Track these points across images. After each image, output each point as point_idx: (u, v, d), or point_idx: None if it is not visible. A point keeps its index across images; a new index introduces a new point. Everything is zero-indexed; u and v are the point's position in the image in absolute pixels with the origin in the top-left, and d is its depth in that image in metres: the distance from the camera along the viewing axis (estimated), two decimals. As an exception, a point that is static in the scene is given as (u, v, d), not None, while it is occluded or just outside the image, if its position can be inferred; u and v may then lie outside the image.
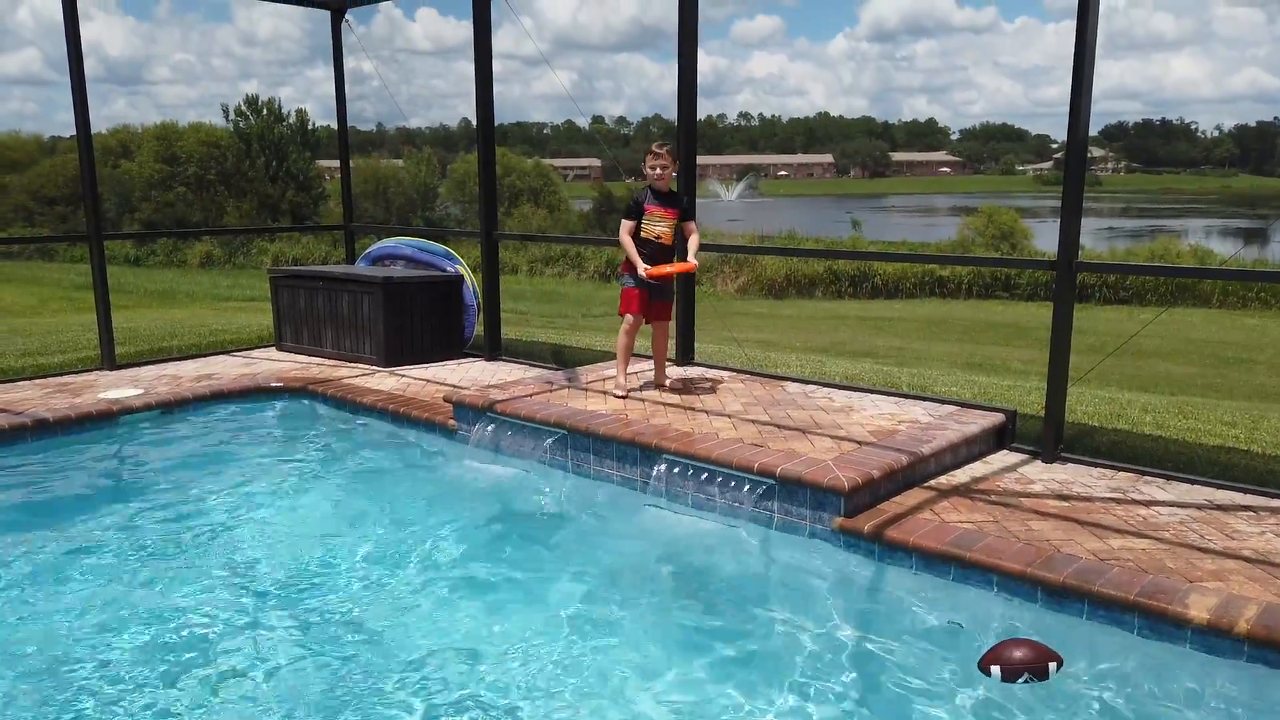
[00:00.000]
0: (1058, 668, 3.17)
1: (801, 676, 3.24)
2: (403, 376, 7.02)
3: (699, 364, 6.65)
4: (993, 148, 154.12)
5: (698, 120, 6.39)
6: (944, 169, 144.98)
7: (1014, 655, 3.19)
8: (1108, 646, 3.29)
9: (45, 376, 7.05)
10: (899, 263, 23.46)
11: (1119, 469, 4.79)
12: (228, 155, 41.43)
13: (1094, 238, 42.42)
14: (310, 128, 43.74)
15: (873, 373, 8.18)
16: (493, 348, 7.64)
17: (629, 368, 5.80)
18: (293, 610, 3.76)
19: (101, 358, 7.29)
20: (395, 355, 7.42)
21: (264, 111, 42.73)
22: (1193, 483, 4.58)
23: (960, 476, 4.67)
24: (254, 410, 6.45)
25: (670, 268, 5.53)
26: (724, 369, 6.55)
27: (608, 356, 5.68)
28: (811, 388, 5.97)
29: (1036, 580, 3.52)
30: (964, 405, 5.48)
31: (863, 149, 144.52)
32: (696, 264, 5.65)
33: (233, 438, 5.99)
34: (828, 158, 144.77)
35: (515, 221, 36.22)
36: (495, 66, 7.21)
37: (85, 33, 6.91)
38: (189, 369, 7.27)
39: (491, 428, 5.46)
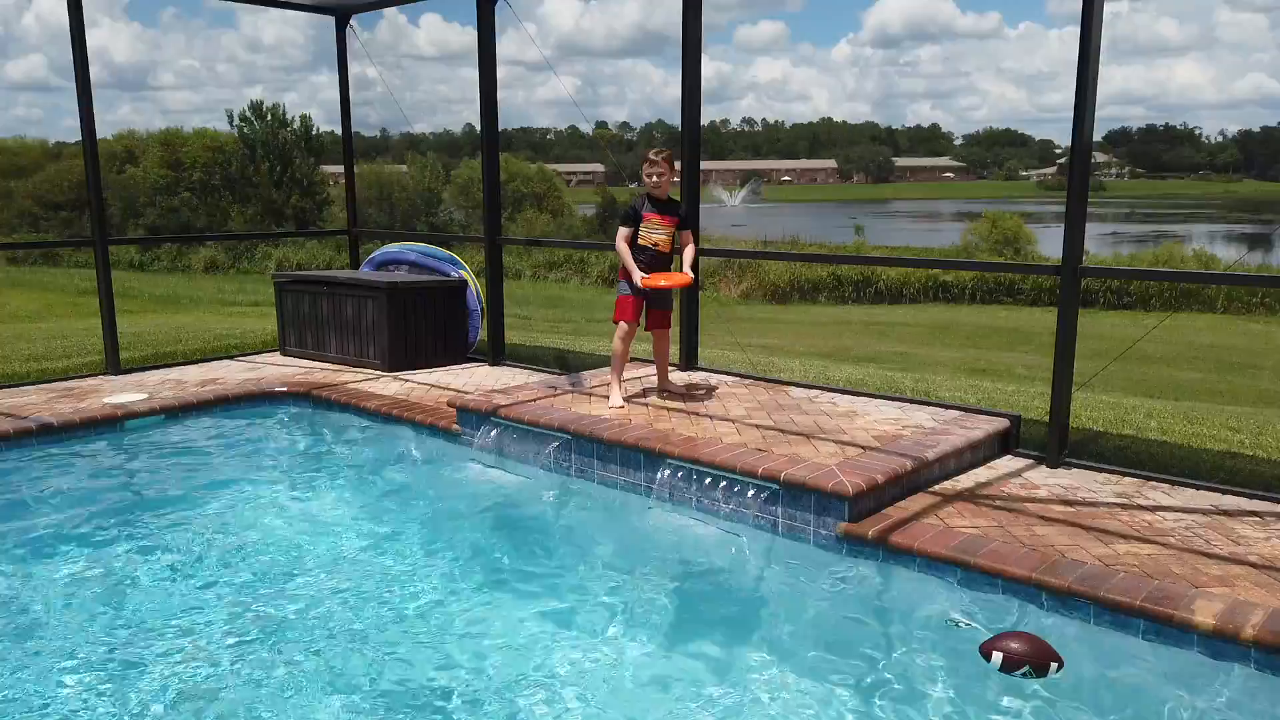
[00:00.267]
0: (1058, 669, 3.16)
1: (806, 681, 3.23)
2: (406, 381, 7.03)
3: (702, 369, 6.65)
4: (996, 153, 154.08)
5: (701, 125, 6.40)
6: (947, 174, 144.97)
7: (1017, 647, 3.20)
8: (1113, 652, 3.28)
9: (50, 381, 7.07)
10: (903, 267, 23.45)
11: (1124, 474, 4.78)
12: (232, 161, 41.51)
13: (1098, 243, 42.37)
14: (314, 133, 43.82)
15: (876, 378, 8.18)
16: (496, 352, 7.65)
17: (625, 374, 5.78)
18: (295, 613, 3.76)
19: (106, 362, 7.30)
20: (399, 360, 7.42)
21: (268, 117, 42.80)
22: (1198, 488, 4.57)
23: (965, 481, 4.66)
24: (258, 415, 6.46)
25: (665, 280, 5.44)
26: (727, 374, 6.55)
27: (611, 361, 5.67)
28: (815, 393, 5.96)
29: (1042, 585, 3.51)
30: (968, 410, 5.47)
31: (866, 154, 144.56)
32: (692, 277, 5.58)
33: (237, 443, 5.99)
34: (831, 163, 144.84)
35: (519, 226, 36.26)
36: (499, 72, 7.22)
37: (91, 39, 6.94)
38: (193, 374, 7.28)
39: (495, 432, 5.46)
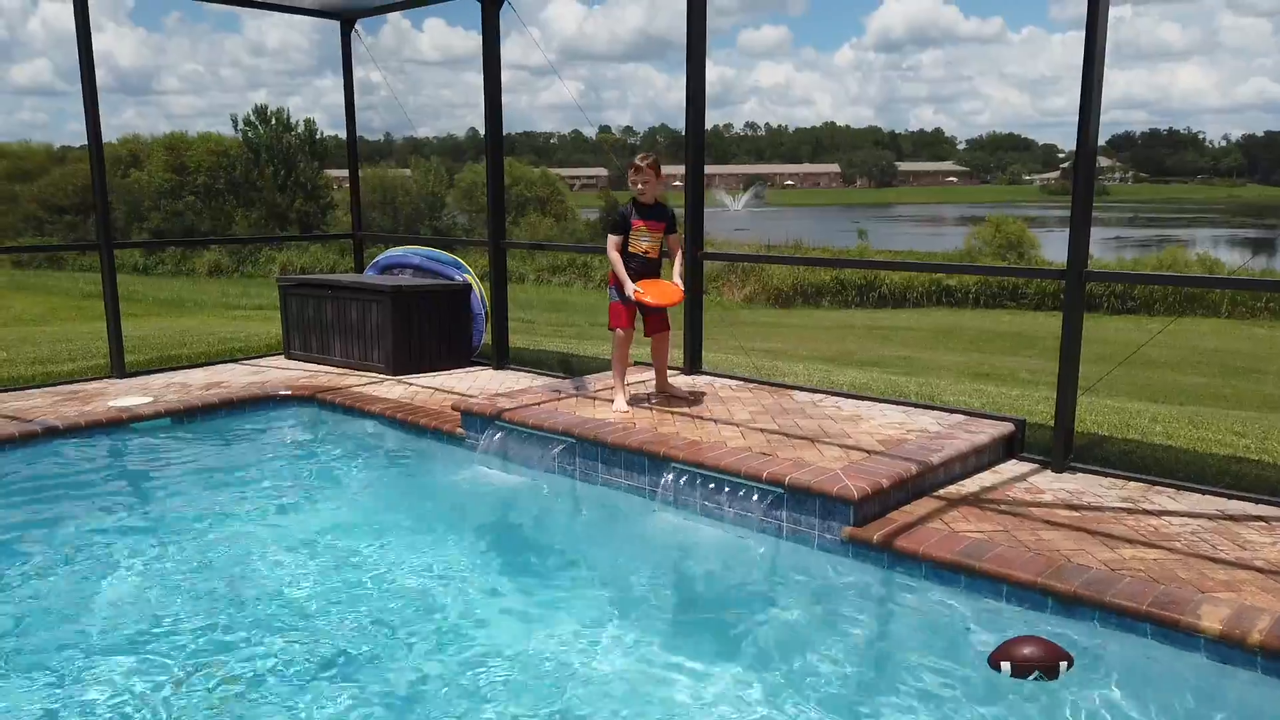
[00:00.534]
0: (1068, 667, 3.16)
1: (811, 686, 3.23)
2: (410, 385, 7.03)
3: (706, 373, 6.65)
4: (999, 157, 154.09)
5: (705, 130, 6.40)
6: (951, 179, 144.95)
7: (1025, 652, 3.19)
8: (1119, 657, 3.27)
9: (55, 384, 7.08)
10: (906, 272, 23.42)
11: (1129, 479, 4.77)
12: (236, 165, 41.59)
13: (1101, 247, 42.32)
14: (318, 137, 43.91)
15: (880, 382, 8.17)
16: (500, 356, 7.65)
17: (628, 378, 5.77)
18: (299, 616, 3.76)
19: (111, 366, 7.32)
20: (403, 364, 7.43)
21: (272, 121, 42.89)
22: (1203, 493, 4.56)
23: (970, 486, 4.65)
24: (263, 418, 6.47)
25: (652, 299, 5.36)
26: (731, 378, 6.55)
27: (612, 367, 5.67)
28: (819, 396, 5.96)
29: (1048, 590, 3.51)
30: (973, 414, 5.46)
31: (869, 159, 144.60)
32: (682, 292, 5.51)
33: (241, 446, 6.00)
34: (834, 167, 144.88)
35: (522, 230, 36.30)
36: (503, 76, 7.23)
37: (96, 43, 6.92)
38: (198, 377, 7.29)
39: (499, 436, 5.47)
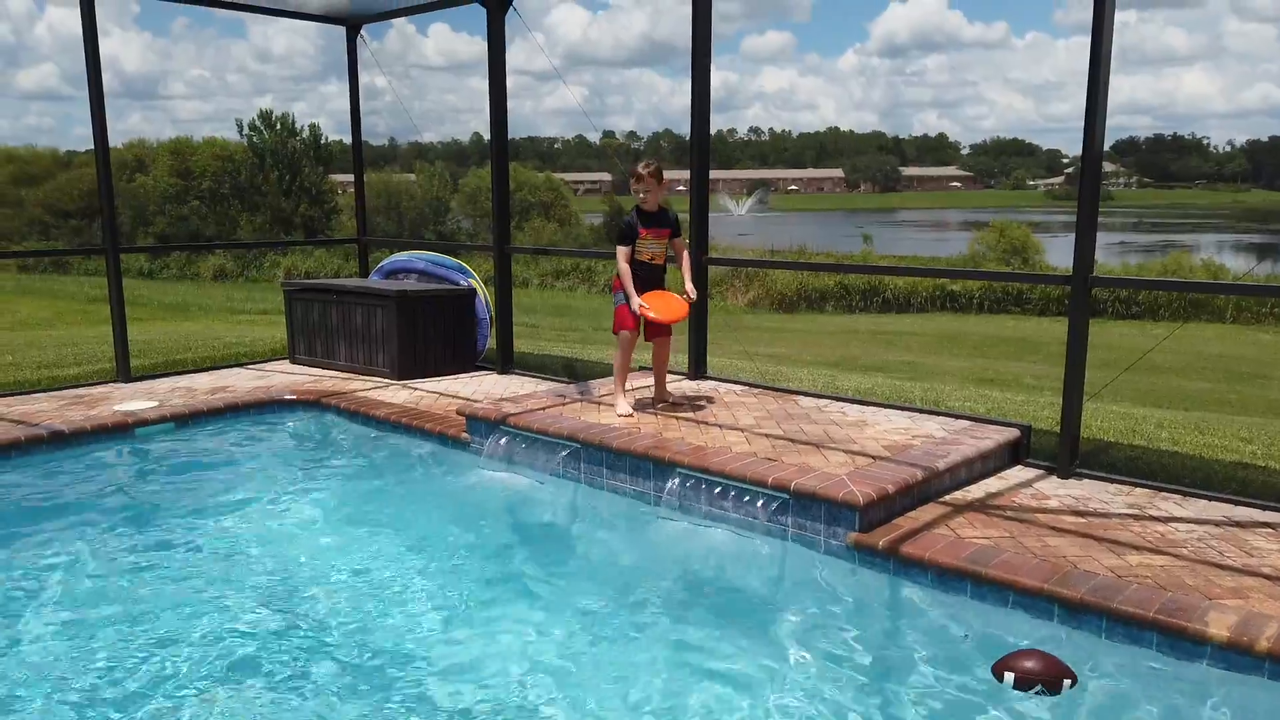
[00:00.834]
0: (1071, 685, 3.14)
1: (816, 692, 3.22)
2: (415, 389, 7.04)
3: (711, 378, 6.65)
4: (1004, 162, 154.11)
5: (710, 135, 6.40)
6: (955, 184, 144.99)
7: (1029, 665, 3.17)
8: (1126, 664, 3.25)
9: (61, 388, 7.10)
10: (911, 277, 23.41)
11: (1135, 485, 4.76)
12: (241, 169, 41.75)
13: (1106, 252, 42.30)
14: (323, 142, 44.04)
15: (885, 387, 8.16)
16: (505, 361, 7.66)
17: (630, 383, 5.76)
18: (304, 621, 3.76)
19: (116, 370, 7.33)
20: (408, 368, 7.44)
21: (278, 126, 43.02)
22: (1210, 499, 4.55)
23: (975, 492, 4.64)
24: (268, 423, 6.48)
25: (657, 315, 5.34)
26: (736, 383, 6.55)
27: (614, 371, 5.66)
28: (824, 402, 5.95)
29: (1054, 597, 3.49)
30: (978, 420, 5.45)
31: (873, 164, 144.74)
32: (687, 307, 5.48)
33: (246, 450, 6.00)
34: (838, 172, 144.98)
35: (527, 235, 36.39)
36: (508, 82, 7.25)
37: (102, 48, 6.92)
38: (203, 381, 7.31)
39: (504, 441, 5.47)
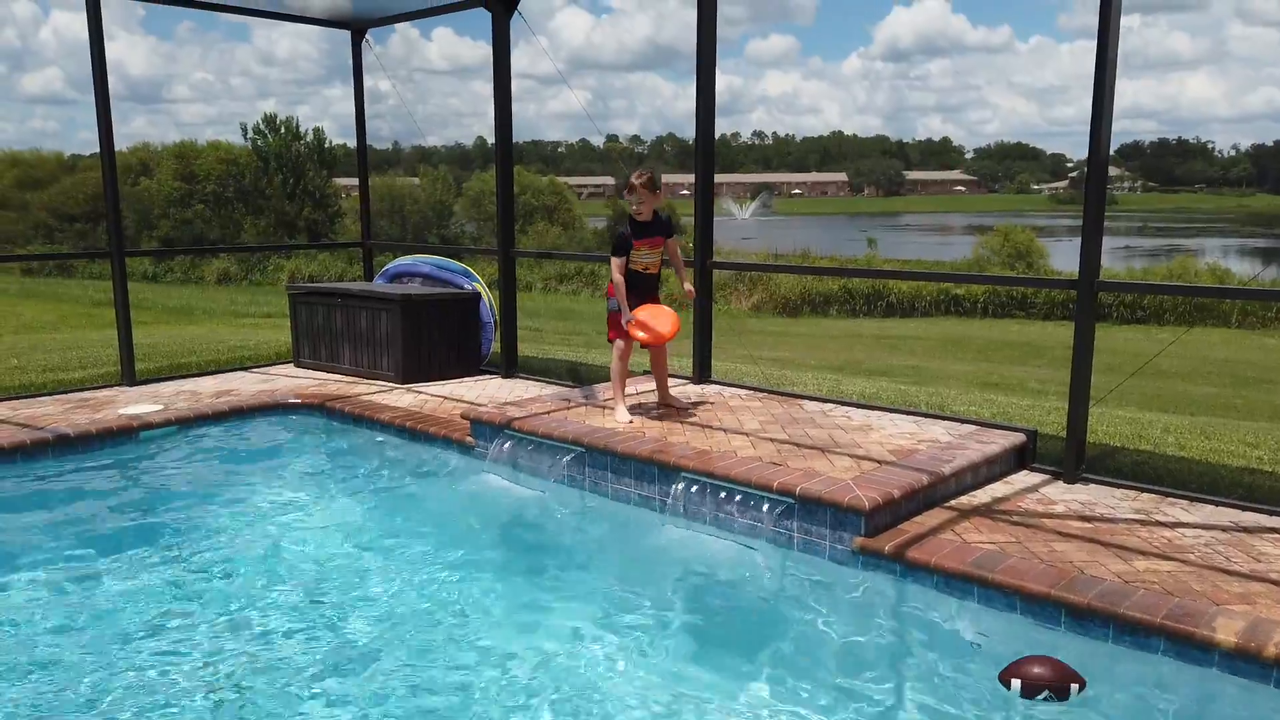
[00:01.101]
0: (1079, 690, 3.13)
1: (821, 697, 3.21)
2: (420, 393, 7.04)
3: (715, 382, 6.64)
4: (1007, 166, 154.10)
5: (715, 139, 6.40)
6: (958, 187, 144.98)
7: (1035, 671, 3.16)
8: (1133, 670, 3.24)
9: (66, 392, 7.11)
10: (916, 281, 23.38)
11: (1142, 490, 4.74)
12: (245, 173, 41.83)
13: (1110, 256, 42.29)
14: (327, 146, 44.14)
15: (890, 391, 8.15)
16: (509, 365, 7.66)
17: (632, 388, 5.75)
18: (308, 625, 3.76)
19: (121, 373, 7.34)
20: (412, 372, 7.44)
21: (282, 130, 43.14)
22: (1217, 504, 4.53)
23: (981, 496, 4.63)
24: (272, 426, 6.48)
25: (646, 337, 5.32)
26: (740, 387, 6.54)
27: (611, 378, 5.65)
28: (829, 406, 5.94)
29: (1060, 602, 3.48)
30: (984, 425, 5.44)
31: (877, 167, 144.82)
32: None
33: (251, 454, 6.01)
34: (842, 176, 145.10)
35: (530, 239, 36.40)
36: (512, 86, 7.25)
37: (108, 52, 6.93)
38: (208, 385, 7.31)
39: (509, 445, 5.46)
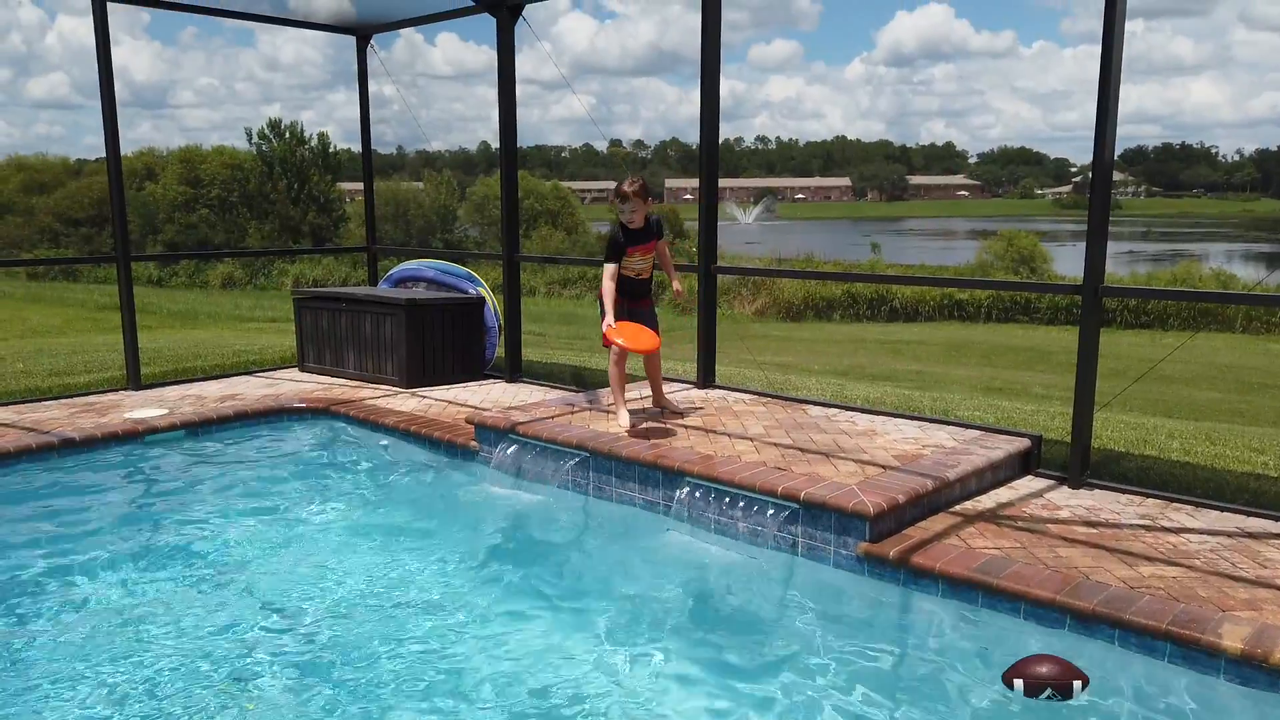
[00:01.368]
0: (1083, 687, 3.12)
1: (826, 703, 3.21)
2: (424, 398, 7.05)
3: (719, 386, 6.64)
4: (1011, 171, 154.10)
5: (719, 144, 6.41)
6: (962, 192, 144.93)
7: (1038, 670, 3.16)
8: (1138, 676, 3.24)
9: (71, 396, 7.12)
10: (920, 286, 23.35)
11: (1147, 495, 4.74)
12: (250, 178, 41.94)
13: (1114, 261, 42.17)
14: (331, 151, 44.24)
15: (893, 396, 8.15)
16: (513, 369, 7.67)
17: (632, 394, 5.75)
18: (313, 630, 3.76)
19: (127, 378, 7.36)
20: (417, 376, 7.45)
21: (286, 135, 43.26)
22: (1222, 510, 4.53)
23: (986, 502, 4.63)
24: (277, 431, 6.49)
25: (624, 343, 5.21)
26: (744, 391, 6.54)
27: (610, 385, 5.65)
28: (833, 411, 5.94)
29: (1066, 608, 3.48)
30: (988, 430, 5.44)
31: (880, 172, 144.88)
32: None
33: (256, 458, 6.02)
34: (845, 181, 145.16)
35: (534, 243, 36.45)
36: (516, 90, 7.26)
37: (114, 57, 6.99)
38: (213, 389, 7.33)
39: (513, 449, 5.47)
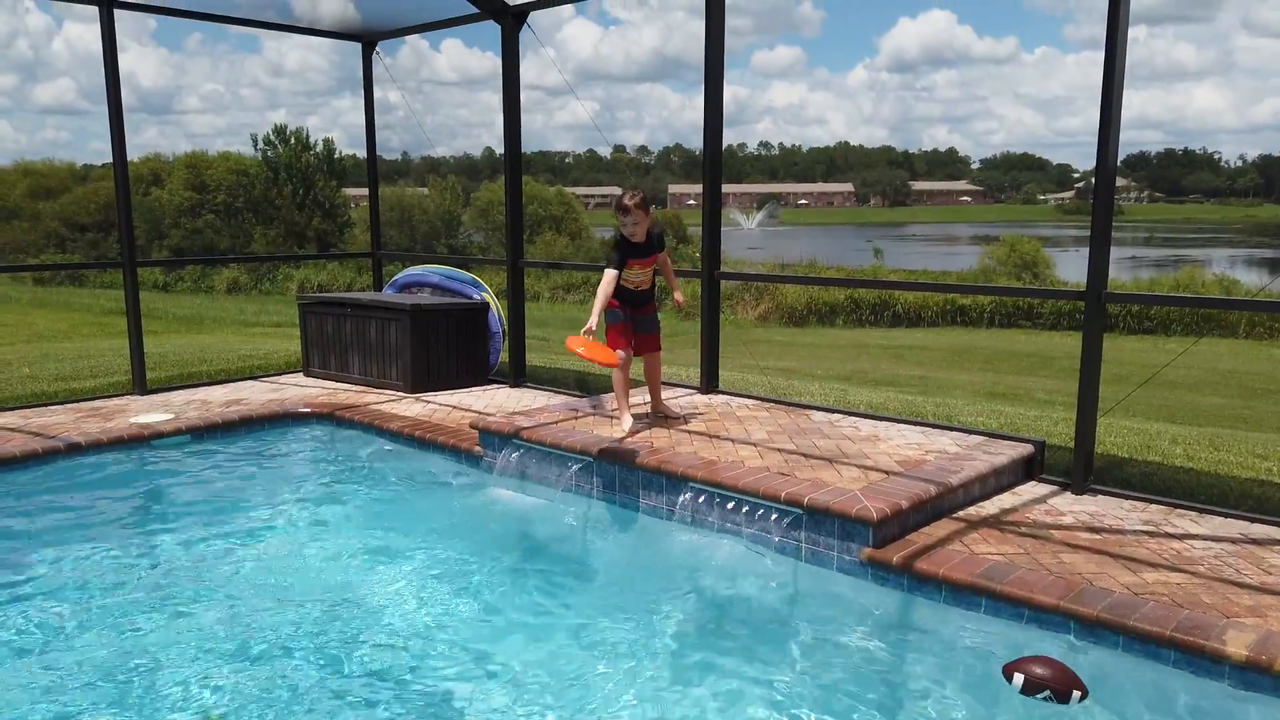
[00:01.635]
0: (1081, 698, 3.13)
1: (828, 707, 3.21)
2: (429, 403, 7.07)
3: (723, 391, 6.65)
4: (1014, 177, 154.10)
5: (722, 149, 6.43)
6: (964, 198, 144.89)
7: (1040, 671, 3.17)
8: (1142, 683, 3.24)
9: (77, 401, 7.15)
10: (923, 291, 23.33)
11: (1151, 501, 4.74)
12: (255, 183, 42.03)
13: (1117, 267, 42.05)
14: (336, 156, 44.33)
15: (896, 401, 8.15)
16: (517, 374, 7.68)
17: (634, 399, 5.77)
18: (316, 634, 3.77)
19: (133, 382, 7.39)
20: (421, 381, 7.47)
21: (291, 140, 43.34)
22: (1226, 516, 4.53)
23: (989, 508, 4.63)
24: (282, 435, 6.51)
25: (585, 353, 4.98)
26: (747, 397, 6.55)
27: (614, 390, 5.66)
28: (837, 416, 5.95)
29: (1069, 614, 3.48)
30: (992, 435, 5.44)
31: (883, 178, 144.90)
32: (682, 301, 5.59)
33: (261, 463, 6.04)
34: (848, 187, 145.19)
35: (538, 249, 36.48)
36: (521, 97, 7.29)
37: (120, 63, 7.01)
38: (218, 394, 7.35)
39: (517, 454, 5.48)
